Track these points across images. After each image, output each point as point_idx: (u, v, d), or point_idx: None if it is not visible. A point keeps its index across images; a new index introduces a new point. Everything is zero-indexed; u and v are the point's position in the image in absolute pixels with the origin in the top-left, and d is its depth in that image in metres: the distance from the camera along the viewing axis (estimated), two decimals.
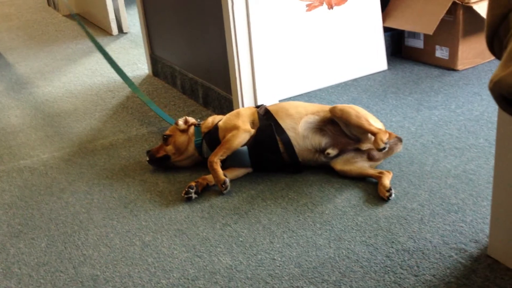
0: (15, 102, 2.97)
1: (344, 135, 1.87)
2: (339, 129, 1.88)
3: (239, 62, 2.28)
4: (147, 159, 2.04)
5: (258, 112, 1.97)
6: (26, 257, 1.63)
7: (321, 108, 1.95)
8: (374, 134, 1.79)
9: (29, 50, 3.91)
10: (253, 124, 1.94)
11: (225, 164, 1.91)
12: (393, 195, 1.72)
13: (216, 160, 1.85)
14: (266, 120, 1.93)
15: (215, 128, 1.98)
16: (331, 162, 1.89)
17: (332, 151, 1.86)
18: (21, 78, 3.36)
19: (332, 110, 1.88)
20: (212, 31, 2.41)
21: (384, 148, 1.76)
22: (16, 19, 4.96)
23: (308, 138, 1.88)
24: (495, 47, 0.71)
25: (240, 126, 1.91)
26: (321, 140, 1.88)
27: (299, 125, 1.89)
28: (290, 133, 1.89)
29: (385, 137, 1.77)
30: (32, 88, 3.16)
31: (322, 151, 1.88)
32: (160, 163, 2.03)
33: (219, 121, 2.00)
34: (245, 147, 1.89)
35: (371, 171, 1.83)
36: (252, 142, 1.90)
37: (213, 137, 1.96)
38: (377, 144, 1.77)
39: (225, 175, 1.84)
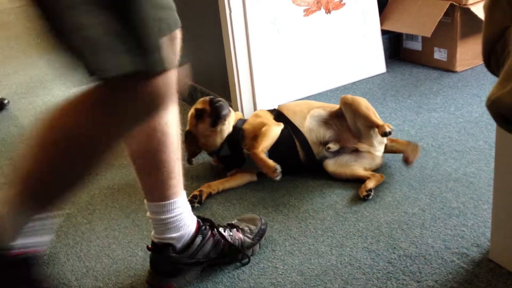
0: (15, 112, 2.97)
1: (348, 131, 1.89)
2: (345, 124, 1.89)
3: (238, 69, 2.29)
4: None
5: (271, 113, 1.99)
6: None
7: (327, 104, 2.01)
8: (379, 126, 1.83)
9: (28, 59, 3.91)
10: None
11: (242, 167, 1.94)
12: (370, 197, 1.74)
13: (260, 151, 1.82)
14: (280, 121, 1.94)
15: (237, 130, 1.96)
16: (325, 165, 1.90)
17: (333, 146, 1.88)
18: (21, 87, 3.36)
19: (343, 98, 1.91)
20: (210, 38, 2.42)
21: (389, 133, 1.79)
22: (14, 28, 4.96)
23: (313, 131, 1.91)
24: (492, 64, 0.72)
25: (267, 123, 1.92)
26: (325, 133, 1.90)
27: (306, 120, 1.92)
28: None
29: (390, 126, 1.81)
30: (31, 97, 3.16)
31: (324, 144, 1.89)
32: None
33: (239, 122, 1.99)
34: (266, 152, 1.89)
35: (363, 173, 1.85)
36: (272, 148, 1.90)
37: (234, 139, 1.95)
38: (383, 128, 1.80)
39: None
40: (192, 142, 2.00)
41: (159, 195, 1.39)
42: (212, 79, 2.54)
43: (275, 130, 1.89)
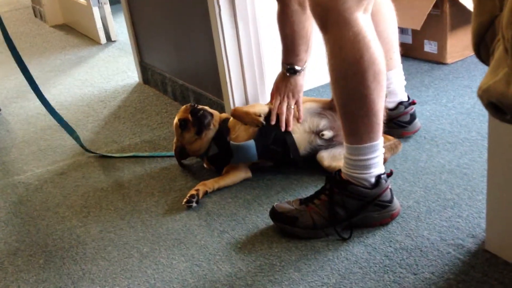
0: (6, 116, 2.96)
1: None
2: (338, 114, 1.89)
3: (229, 67, 2.28)
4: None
5: None
6: (24, 275, 1.63)
7: (319, 99, 2.01)
8: None
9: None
10: None
11: (231, 161, 1.93)
12: None
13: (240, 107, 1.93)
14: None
15: (223, 123, 1.99)
16: (319, 158, 1.89)
17: (327, 133, 1.88)
18: (11, 92, 3.35)
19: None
20: (201, 37, 2.41)
21: None
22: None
23: (306, 121, 1.91)
24: (482, 53, 0.72)
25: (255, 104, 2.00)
26: (319, 122, 1.90)
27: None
28: None
29: None
30: (22, 102, 3.14)
31: (318, 133, 1.89)
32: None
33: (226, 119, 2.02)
34: (252, 141, 1.89)
35: None
36: (258, 135, 1.90)
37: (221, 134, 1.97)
38: None
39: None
40: (182, 152, 2.05)
41: None
42: (204, 78, 2.53)
43: (260, 104, 1.96)
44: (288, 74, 1.92)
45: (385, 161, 1.84)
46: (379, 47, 1.44)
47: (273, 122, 1.88)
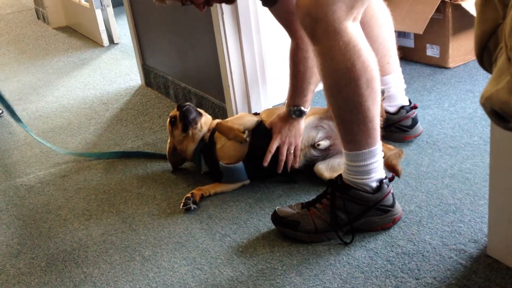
0: (8, 119, 2.96)
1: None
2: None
3: (231, 70, 2.29)
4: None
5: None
6: (26, 278, 1.63)
7: (318, 110, 1.97)
8: None
9: (20, 65, 3.90)
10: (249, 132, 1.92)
11: (221, 181, 1.92)
12: None
13: (224, 121, 1.90)
14: (260, 132, 1.91)
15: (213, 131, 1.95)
16: (317, 170, 1.85)
17: (324, 143, 1.86)
18: (14, 94, 3.35)
19: None
20: (203, 40, 2.42)
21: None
22: (6, 34, 4.95)
23: (302, 138, 1.88)
24: (485, 61, 0.72)
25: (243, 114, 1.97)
26: (316, 135, 1.88)
27: None
28: None
29: None
30: (25, 104, 3.15)
31: (313, 145, 1.88)
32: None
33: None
34: (241, 163, 1.88)
35: None
36: (247, 157, 1.89)
37: (209, 145, 1.95)
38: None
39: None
40: (174, 153, 2.04)
41: None
42: (206, 81, 2.54)
43: (248, 116, 1.94)
44: (293, 117, 1.85)
45: (397, 170, 1.76)
46: (371, 54, 1.44)
47: (265, 164, 1.84)
